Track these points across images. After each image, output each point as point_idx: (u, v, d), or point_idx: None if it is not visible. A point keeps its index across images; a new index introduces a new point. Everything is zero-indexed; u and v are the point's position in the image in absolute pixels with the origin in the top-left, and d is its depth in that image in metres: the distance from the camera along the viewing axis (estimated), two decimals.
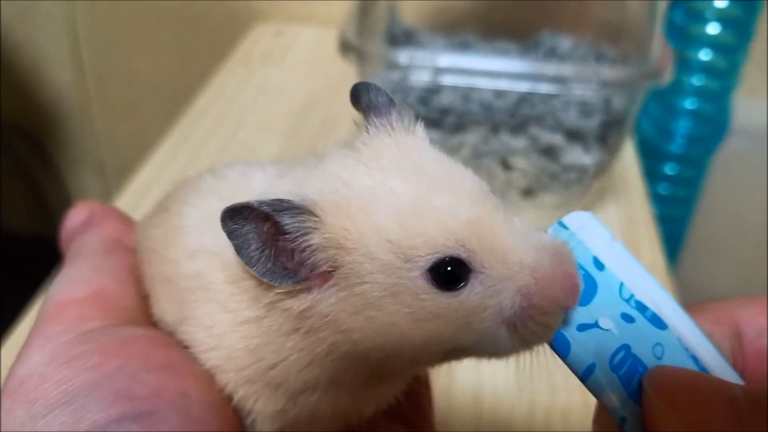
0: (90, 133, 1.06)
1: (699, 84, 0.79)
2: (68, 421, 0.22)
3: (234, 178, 0.28)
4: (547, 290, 0.23)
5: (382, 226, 0.22)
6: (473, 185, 0.24)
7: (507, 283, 0.23)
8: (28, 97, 1.02)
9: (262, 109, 0.77)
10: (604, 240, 0.26)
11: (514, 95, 0.55)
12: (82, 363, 0.23)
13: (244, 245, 0.22)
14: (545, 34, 0.63)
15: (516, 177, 0.57)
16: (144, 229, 0.30)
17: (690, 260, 0.95)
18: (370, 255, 0.22)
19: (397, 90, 0.56)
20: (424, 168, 0.24)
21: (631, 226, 0.63)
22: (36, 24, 0.97)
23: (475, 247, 0.22)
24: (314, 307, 0.23)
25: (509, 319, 0.23)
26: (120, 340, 0.25)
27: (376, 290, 0.22)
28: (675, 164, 0.83)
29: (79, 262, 0.29)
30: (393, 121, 0.26)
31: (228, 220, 0.22)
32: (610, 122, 0.56)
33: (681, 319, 0.25)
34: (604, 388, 0.24)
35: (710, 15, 0.75)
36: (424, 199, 0.23)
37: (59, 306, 0.26)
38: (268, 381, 0.25)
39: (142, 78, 1.01)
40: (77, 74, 1.01)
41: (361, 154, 0.24)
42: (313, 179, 0.24)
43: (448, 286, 0.22)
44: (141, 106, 1.03)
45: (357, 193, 0.23)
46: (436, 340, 0.23)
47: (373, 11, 0.60)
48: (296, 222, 0.22)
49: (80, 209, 0.32)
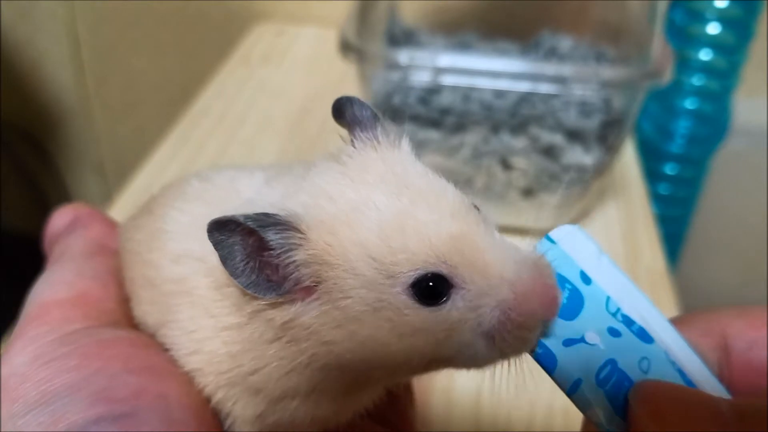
0: (90, 133, 1.06)
1: (699, 84, 0.79)
2: (46, 421, 0.22)
3: (221, 184, 0.28)
4: (526, 304, 0.23)
5: (365, 242, 0.23)
6: (455, 200, 0.24)
7: (487, 298, 0.23)
8: (28, 97, 1.02)
9: (262, 109, 0.77)
10: (591, 253, 0.26)
11: (514, 95, 0.55)
12: (63, 364, 0.24)
13: (229, 257, 0.22)
14: (545, 34, 0.63)
15: (516, 177, 0.57)
16: (127, 232, 0.30)
17: (690, 260, 0.95)
18: (353, 270, 0.23)
19: (397, 90, 0.56)
20: (408, 182, 0.24)
21: (631, 226, 0.63)
22: (36, 24, 0.97)
23: (456, 263, 0.23)
24: (296, 319, 0.23)
25: (488, 332, 0.23)
26: (101, 341, 0.25)
27: (359, 305, 0.23)
28: (675, 164, 0.83)
29: (63, 265, 0.29)
30: (378, 136, 0.26)
31: (214, 232, 0.22)
32: (610, 122, 0.56)
33: (667, 332, 0.25)
34: (590, 403, 0.24)
35: (710, 15, 0.75)
36: (407, 214, 0.23)
37: (42, 308, 0.26)
38: (248, 386, 0.25)
39: (142, 78, 1.01)
40: (77, 74, 1.01)
41: (347, 168, 0.25)
42: (299, 192, 0.24)
43: (430, 301, 0.23)
44: (141, 106, 1.03)
45: (342, 208, 0.23)
46: (417, 353, 0.23)
47: (373, 11, 0.60)
48: (281, 238, 0.22)
49: (65, 212, 0.32)
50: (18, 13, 0.96)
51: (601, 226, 0.63)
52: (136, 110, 1.03)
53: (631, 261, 0.59)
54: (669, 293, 0.55)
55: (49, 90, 1.02)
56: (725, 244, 0.99)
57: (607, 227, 0.63)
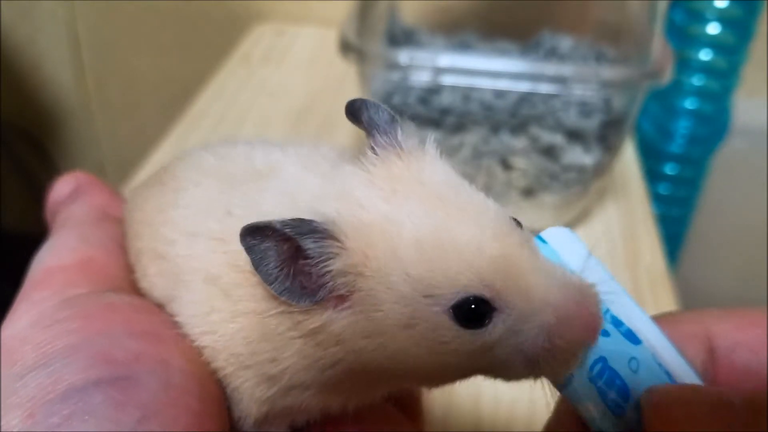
0: (90, 133, 1.06)
1: (699, 84, 0.79)
2: (45, 382, 0.22)
3: (237, 160, 0.28)
4: (569, 331, 0.22)
5: (402, 257, 0.22)
6: (497, 216, 0.23)
7: (529, 322, 0.22)
8: (28, 97, 1.02)
9: (262, 109, 0.77)
10: (581, 255, 0.26)
11: (514, 95, 0.55)
12: (64, 327, 0.23)
13: (262, 262, 0.22)
14: (545, 34, 0.63)
15: (516, 177, 0.57)
16: (135, 201, 0.30)
17: (690, 260, 0.95)
18: (388, 284, 0.22)
19: (397, 90, 0.56)
20: (442, 194, 0.23)
21: (631, 226, 0.63)
22: (36, 24, 0.97)
23: (499, 286, 0.22)
24: (326, 326, 0.23)
25: (530, 356, 0.23)
26: (104, 305, 0.25)
27: (392, 319, 0.22)
28: (675, 164, 0.83)
29: (67, 231, 0.29)
30: (400, 141, 0.25)
31: (247, 236, 0.22)
32: (610, 122, 0.56)
33: (654, 334, 0.25)
34: (582, 398, 0.24)
35: (710, 15, 0.75)
36: (446, 231, 0.22)
37: (46, 272, 0.26)
38: (262, 371, 0.24)
39: (142, 78, 1.01)
40: (77, 74, 1.01)
41: (373, 176, 0.24)
42: (329, 196, 0.23)
43: (472, 324, 0.22)
44: (141, 106, 1.03)
45: (376, 218, 0.22)
46: (450, 370, 0.23)
47: (373, 11, 0.60)
48: (319, 247, 0.22)
49: (66, 180, 0.32)
50: (18, 13, 0.96)
51: (601, 226, 0.63)
52: (136, 110, 1.03)
53: (631, 261, 0.58)
54: (669, 293, 0.55)
55: (49, 90, 1.02)
56: (725, 244, 0.99)
57: (607, 227, 0.63)
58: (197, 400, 0.23)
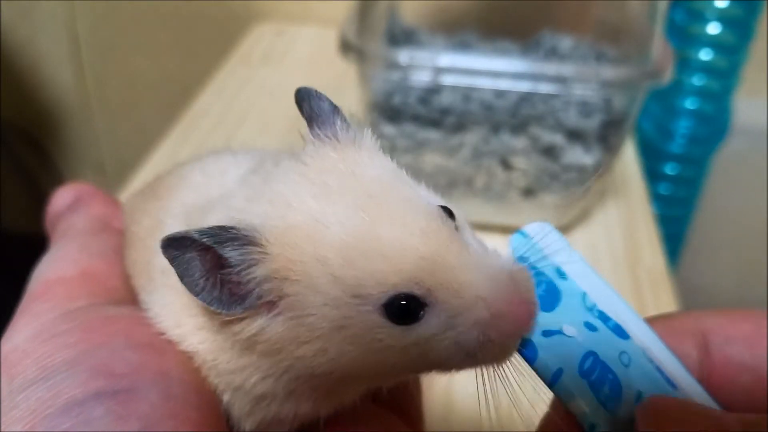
0: (90, 133, 1.06)
1: (699, 84, 0.79)
2: (45, 396, 0.22)
3: (213, 174, 0.28)
4: (503, 323, 0.22)
5: (327, 260, 0.21)
6: (424, 211, 0.23)
7: (462, 318, 0.22)
8: (28, 97, 1.02)
9: (262, 109, 0.77)
10: (563, 249, 0.26)
11: (514, 95, 0.55)
12: (64, 340, 0.23)
13: (186, 273, 0.22)
14: (545, 34, 0.63)
15: (516, 177, 0.57)
16: (134, 214, 0.30)
17: (690, 260, 0.95)
18: (315, 287, 0.22)
19: (397, 90, 0.56)
20: (371, 191, 0.23)
21: (631, 226, 0.63)
22: (36, 24, 0.97)
23: (428, 283, 0.22)
24: (262, 333, 0.23)
25: (468, 349, 0.23)
26: (104, 318, 0.25)
27: (324, 322, 0.22)
28: (675, 164, 0.83)
29: (67, 242, 0.29)
30: (338, 132, 0.24)
31: (169, 248, 0.21)
32: (611, 122, 0.56)
33: (642, 330, 0.25)
34: (573, 394, 0.24)
35: (711, 15, 0.75)
36: (372, 232, 0.22)
37: (46, 284, 0.26)
38: (229, 381, 0.25)
39: (141, 78, 1.01)
40: (77, 74, 1.01)
41: (308, 170, 0.23)
42: (260, 198, 0.23)
43: (404, 321, 0.22)
44: (141, 106, 1.03)
45: (302, 219, 0.22)
46: (390, 367, 0.23)
47: (373, 11, 0.60)
48: (239, 254, 0.21)
49: (66, 191, 0.32)
50: (18, 13, 0.96)
51: (601, 226, 0.63)
52: (136, 110, 1.03)
53: (631, 261, 0.58)
54: (669, 293, 0.55)
55: (49, 90, 1.02)
56: (725, 244, 0.99)
57: (607, 227, 0.63)
58: (197, 410, 0.23)
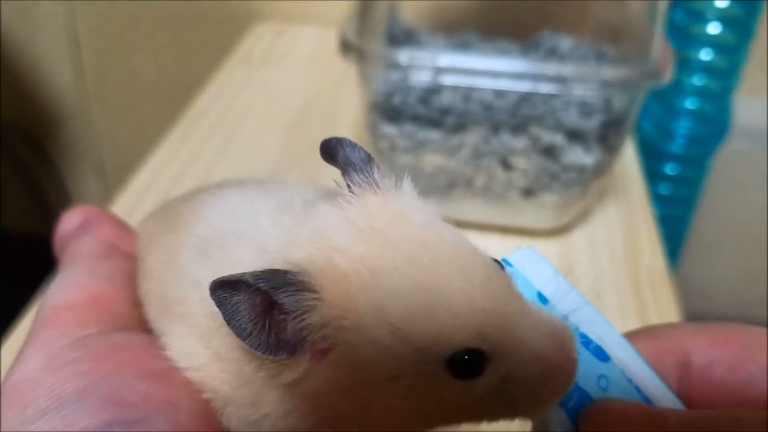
0: (90, 133, 1.06)
1: (699, 84, 0.79)
2: (58, 426, 0.22)
3: (225, 209, 0.27)
4: (554, 382, 0.23)
5: (388, 311, 0.21)
6: (484, 262, 0.23)
7: (519, 372, 0.22)
8: (28, 96, 1.02)
9: (262, 109, 0.77)
10: (547, 275, 0.26)
11: (514, 95, 0.55)
12: (74, 369, 0.24)
13: (234, 316, 0.21)
14: (545, 34, 0.63)
15: (516, 177, 0.57)
16: (150, 245, 0.30)
17: (690, 260, 0.95)
18: (370, 338, 0.21)
19: (397, 90, 0.56)
20: (425, 238, 0.22)
21: (631, 226, 0.63)
22: (36, 24, 0.97)
23: (491, 338, 0.21)
24: (305, 379, 0.22)
25: (512, 402, 0.23)
26: (112, 346, 0.25)
27: (376, 372, 0.21)
28: (675, 164, 0.83)
29: (75, 267, 0.29)
30: (377, 179, 0.24)
31: (218, 290, 0.21)
32: (611, 122, 0.56)
33: (623, 349, 0.25)
34: (551, 423, 0.24)
35: (711, 15, 0.75)
36: (432, 283, 0.21)
37: (55, 311, 0.26)
38: (244, 415, 0.24)
39: (141, 78, 1.01)
40: (77, 74, 1.01)
41: (349, 214, 0.23)
42: (302, 241, 0.22)
43: (466, 375, 0.22)
44: (141, 106, 1.03)
45: (354, 265, 0.21)
46: (436, 421, 0.23)
47: (373, 11, 0.60)
48: (294, 300, 0.21)
49: (74, 214, 0.32)
50: (18, 13, 0.96)
51: (601, 226, 0.63)
52: (136, 110, 1.03)
53: (631, 261, 0.58)
54: (669, 293, 0.55)
55: (49, 90, 1.02)
56: (725, 244, 0.99)
57: (607, 227, 0.63)
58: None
